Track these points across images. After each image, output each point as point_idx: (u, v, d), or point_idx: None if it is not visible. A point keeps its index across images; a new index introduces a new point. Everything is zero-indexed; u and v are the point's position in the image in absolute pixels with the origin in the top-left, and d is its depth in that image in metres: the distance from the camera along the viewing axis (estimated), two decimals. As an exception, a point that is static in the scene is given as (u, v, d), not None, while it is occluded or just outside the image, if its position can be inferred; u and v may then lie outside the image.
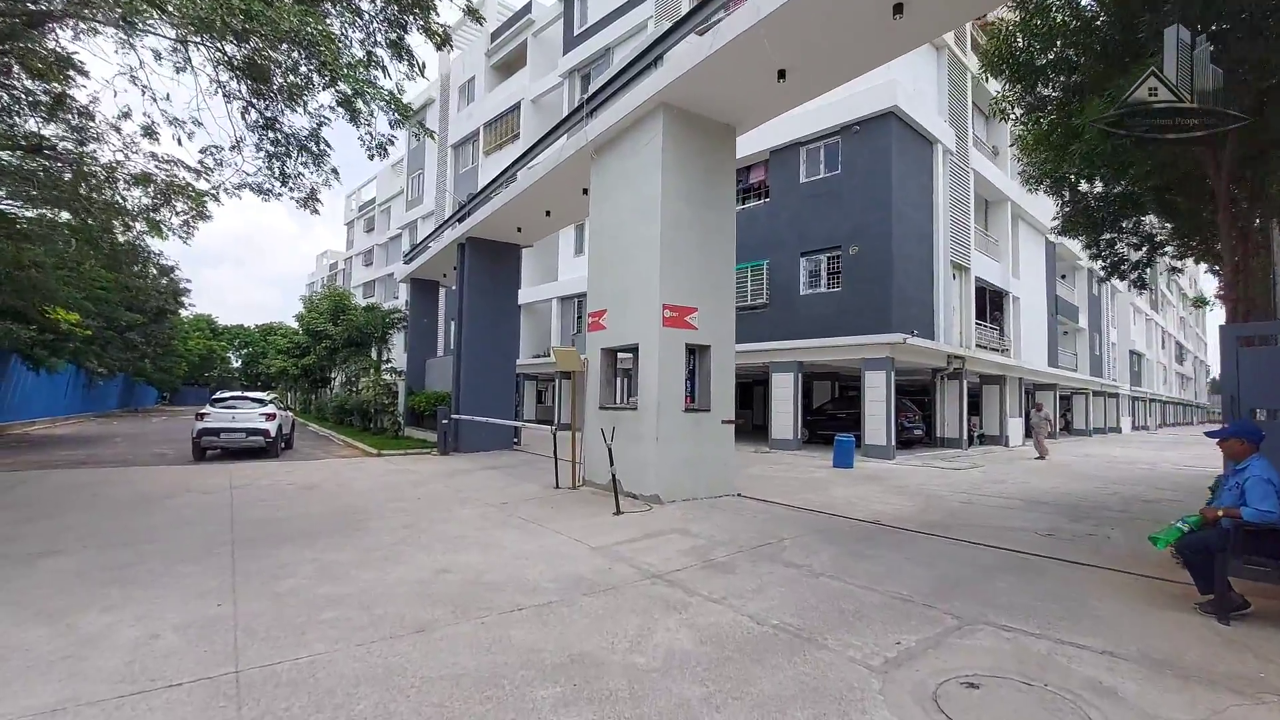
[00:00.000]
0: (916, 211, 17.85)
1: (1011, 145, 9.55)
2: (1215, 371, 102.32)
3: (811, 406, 23.28)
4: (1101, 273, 11.65)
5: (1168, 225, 9.86)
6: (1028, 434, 26.58)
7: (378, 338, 30.27)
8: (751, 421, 29.35)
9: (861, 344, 16.34)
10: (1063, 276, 31.83)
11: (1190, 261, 11.73)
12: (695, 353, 9.80)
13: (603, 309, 10.50)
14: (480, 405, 16.00)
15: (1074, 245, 31.57)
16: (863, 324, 16.72)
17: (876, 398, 16.22)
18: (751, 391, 29.79)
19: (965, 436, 19.99)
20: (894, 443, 16.18)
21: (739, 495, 9.67)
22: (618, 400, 10.63)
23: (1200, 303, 16.05)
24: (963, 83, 20.48)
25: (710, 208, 9.87)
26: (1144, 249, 10.49)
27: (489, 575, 5.43)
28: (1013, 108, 7.27)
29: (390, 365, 27.99)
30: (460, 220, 17.69)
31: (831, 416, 20.69)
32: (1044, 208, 26.72)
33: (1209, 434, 4.40)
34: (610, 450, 8.54)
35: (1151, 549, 6.38)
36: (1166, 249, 10.44)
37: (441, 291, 24.87)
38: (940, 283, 18.70)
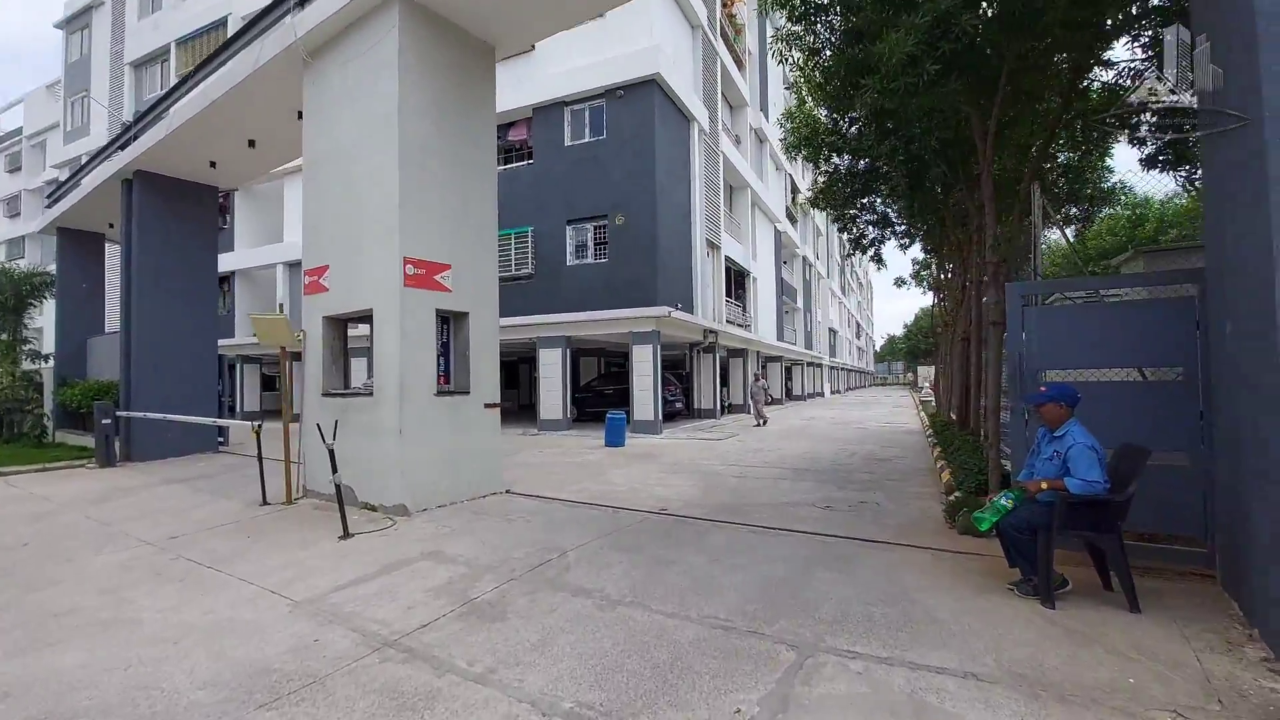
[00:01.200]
0: (677, 186, 17.67)
1: (788, 89, 9.16)
2: (879, 344, 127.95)
3: (579, 384, 22.39)
4: (847, 246, 12.32)
5: (900, 205, 10.53)
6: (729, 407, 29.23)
7: (7, 308, 21.73)
8: (518, 402, 27.66)
9: (630, 317, 15.63)
10: (785, 262, 35.63)
11: (899, 245, 13.05)
12: (450, 321, 7.78)
13: (323, 264, 7.86)
14: (165, 397, 11.75)
15: (795, 235, 35.58)
16: (630, 297, 16.02)
17: (644, 372, 15.70)
18: (517, 370, 28.07)
19: (719, 407, 20.77)
20: (661, 417, 15.84)
21: (509, 492, 7.97)
22: (349, 384, 8.12)
23: (900, 282, 18.84)
24: (714, 66, 20.92)
25: (468, 141, 7.84)
26: (879, 227, 11.22)
27: (87, 694, 3.02)
28: (790, 49, 6.62)
29: (31, 348, 20.31)
30: (124, 147, 12.76)
31: (599, 393, 20.00)
32: (775, 199, 29.24)
33: (1026, 399, 3.95)
34: (331, 451, 6.17)
35: (919, 516, 6.55)
36: (897, 229, 11.31)
37: (112, 249, 18.45)
38: (697, 259, 18.92)
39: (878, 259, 12.10)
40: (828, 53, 6.56)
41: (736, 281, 24.91)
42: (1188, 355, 4.27)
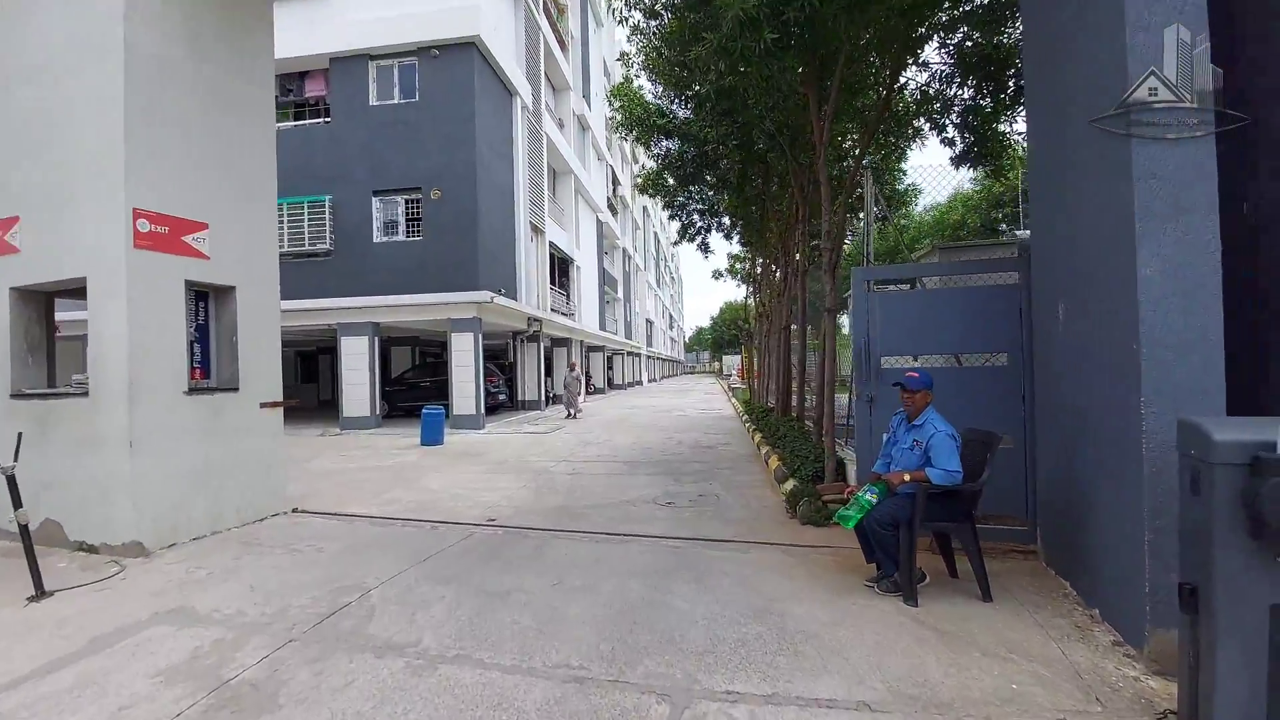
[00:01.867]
0: (499, 163, 16.39)
1: (621, 60, 8.58)
2: (689, 335, 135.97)
3: (390, 376, 20.09)
4: (675, 235, 12.19)
5: (727, 195, 10.58)
6: (589, 390, 28.91)
7: None
8: (318, 397, 24.17)
9: (448, 302, 14.12)
10: (606, 253, 35.67)
11: (724, 236, 13.34)
12: (210, 298, 6.02)
13: (12, 216, 5.62)
14: None
15: (615, 226, 35.78)
16: (448, 280, 14.49)
17: (465, 363, 14.33)
18: (315, 361, 24.52)
19: (544, 398, 19.94)
20: (484, 411, 14.60)
21: (297, 511, 6.43)
22: (54, 381, 5.95)
23: (718, 275, 19.51)
24: (537, 42, 19.84)
25: (233, 69, 6.08)
26: (707, 216, 11.22)
27: None
28: (630, 9, 6.06)
29: None
30: None
31: (414, 386, 18.04)
32: (597, 188, 28.97)
33: (899, 384, 3.76)
34: (11, 478, 4.28)
35: (759, 507, 6.32)
36: (722, 220, 11.41)
37: None
38: (521, 243, 17.83)
39: (704, 247, 12.20)
40: (667, 16, 6.07)
41: (560, 269, 24.17)
42: (1012, 340, 4.43)
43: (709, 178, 10.84)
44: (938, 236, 15.52)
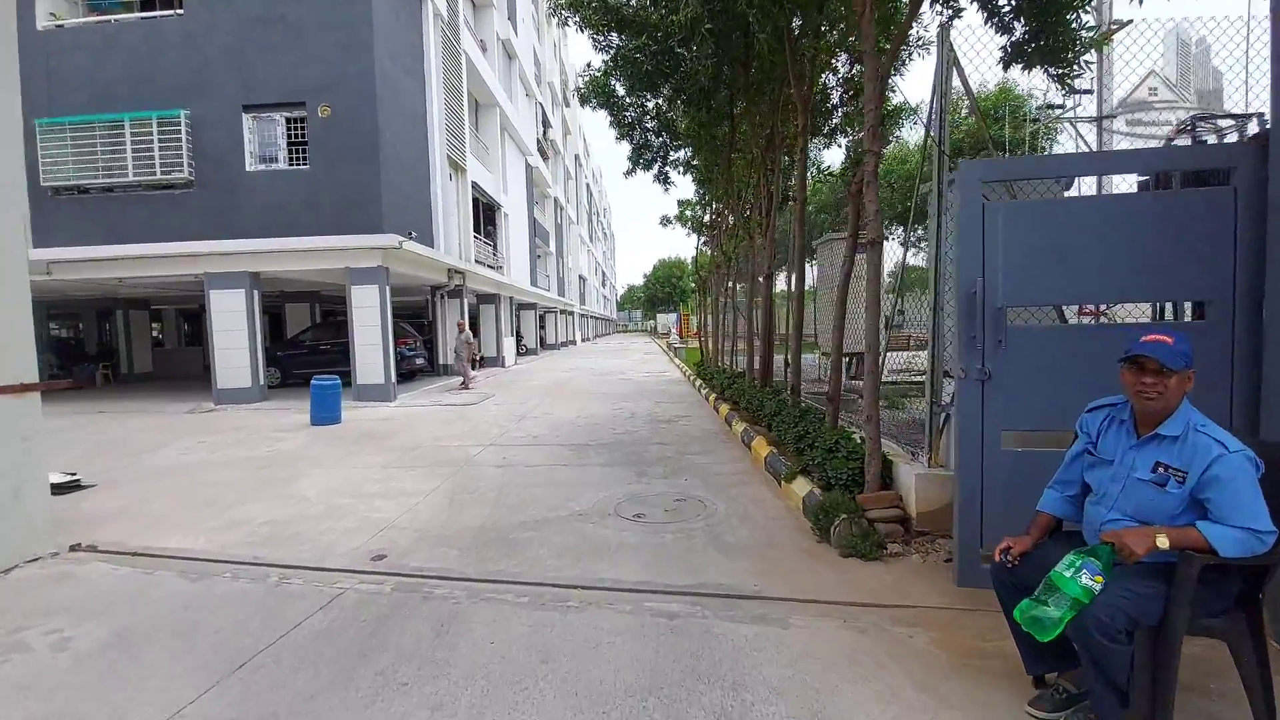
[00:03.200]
0: (407, 81, 13.56)
1: None
2: (621, 293, 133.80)
3: (285, 337, 17.12)
4: (628, 162, 10.06)
5: (689, 111, 8.52)
6: (520, 350, 26.55)
7: None
8: (204, 363, 20.56)
9: (345, 247, 11.49)
10: (537, 203, 32.77)
11: (681, 168, 11.26)
12: None
13: None
14: None
15: (546, 172, 32.86)
16: (346, 220, 11.82)
17: (369, 321, 11.82)
18: (201, 321, 20.82)
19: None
20: (395, 379, 12.21)
21: (76, 549, 4.19)
22: None
23: (665, 222, 17.46)
24: (454, -57, 16.68)
25: None
26: (664, 135, 9.18)
27: None
28: None
29: None
30: None
31: (313, 349, 15.23)
32: (526, 128, 26.02)
33: (1134, 358, 1.97)
34: None
35: (767, 522, 4.47)
36: (678, 149, 9.37)
37: None
38: (438, 180, 15.14)
39: (662, 178, 10.16)
40: None
41: (486, 216, 21.45)
42: (1217, 282, 2.76)
43: (665, 90, 8.75)
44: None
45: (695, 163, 10.83)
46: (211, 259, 11.69)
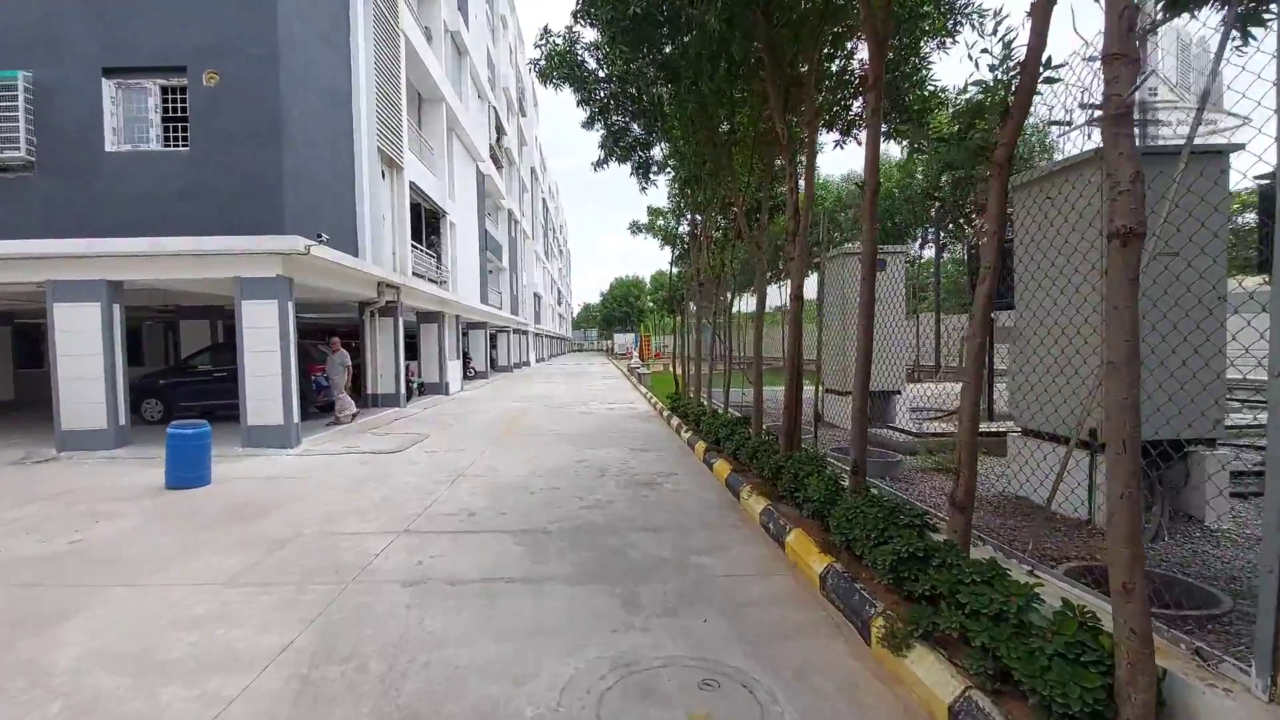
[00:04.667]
0: (324, 53, 11.17)
1: None
2: (578, 312, 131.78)
3: (176, 360, 14.17)
4: (599, 150, 7.93)
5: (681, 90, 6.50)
6: (468, 374, 23.95)
7: None
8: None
9: (233, 251, 8.95)
10: (489, 214, 30.33)
11: (662, 165, 9.22)
12: None
13: None
14: None
15: (500, 183, 30.52)
16: (236, 217, 9.31)
17: (265, 345, 9.27)
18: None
19: (404, 390, 15.01)
20: (297, 418, 9.64)
21: None
22: None
23: (635, 230, 15.35)
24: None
25: None
26: (645, 122, 7.17)
27: None
28: None
29: None
30: None
31: (208, 378, 12.32)
32: (478, 131, 23.71)
33: None
34: None
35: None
36: (673, 132, 7.34)
37: None
38: (365, 178, 12.71)
39: (643, 171, 8.07)
40: None
41: (429, 224, 19.00)
42: None
43: (649, 71, 6.75)
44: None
45: (672, 164, 8.79)
46: (55, 263, 8.96)
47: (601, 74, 7.44)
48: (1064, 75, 3.12)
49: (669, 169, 8.81)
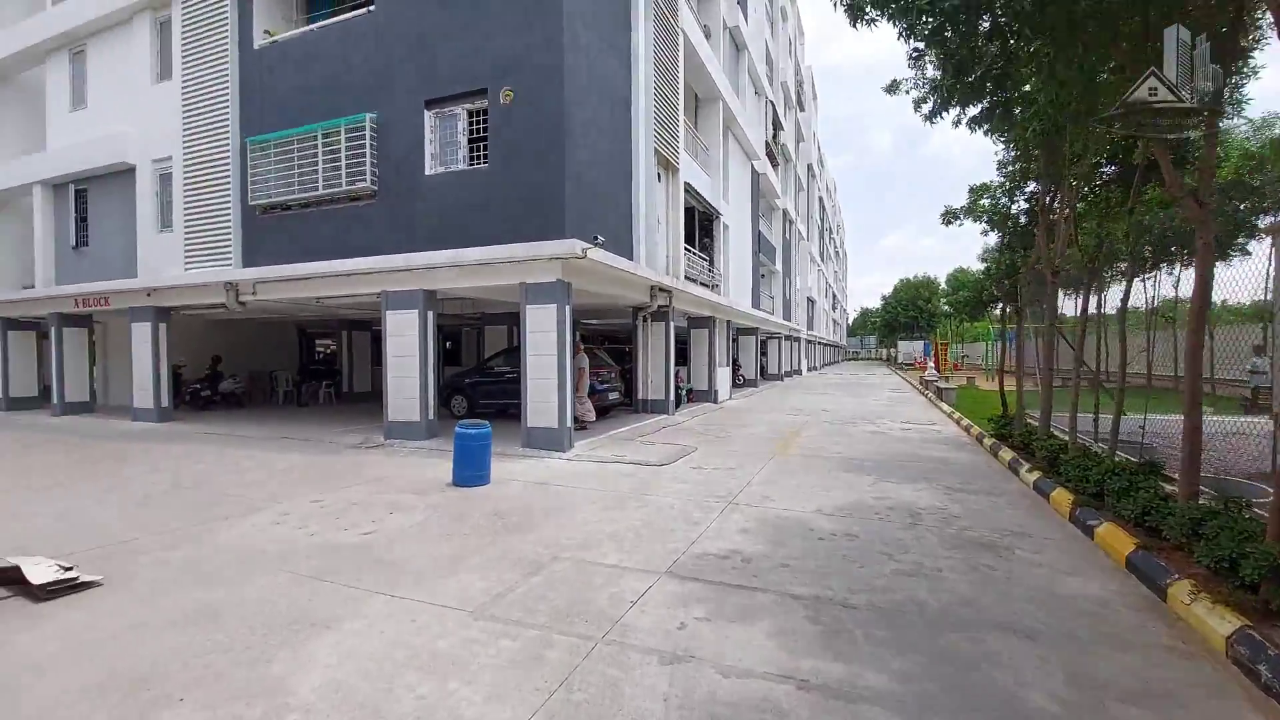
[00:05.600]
0: (606, 56, 11.34)
1: None
2: (853, 317, 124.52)
3: (479, 361, 16.15)
4: (931, 96, 6.15)
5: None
6: (737, 381, 23.39)
7: None
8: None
9: (518, 258, 9.39)
10: (762, 215, 29.45)
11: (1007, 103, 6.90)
12: None
13: None
14: None
15: (775, 181, 29.46)
16: (522, 224, 9.80)
17: (545, 349, 9.55)
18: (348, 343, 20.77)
19: (674, 397, 14.79)
20: (571, 422, 9.74)
21: None
22: None
23: (952, 218, 12.37)
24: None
25: None
26: (997, 42, 5.21)
27: None
28: None
29: None
30: None
31: (502, 377, 13.59)
32: (754, 129, 22.96)
33: None
34: None
35: None
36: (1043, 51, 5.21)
37: None
38: (641, 180, 12.70)
39: (999, 112, 5.96)
40: None
41: (702, 226, 18.77)
42: None
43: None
44: None
45: (1040, 96, 6.27)
46: (386, 276, 10.51)
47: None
48: None
49: (1024, 106, 6.42)
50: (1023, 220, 10.17)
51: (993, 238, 12.44)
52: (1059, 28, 4.90)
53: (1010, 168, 9.81)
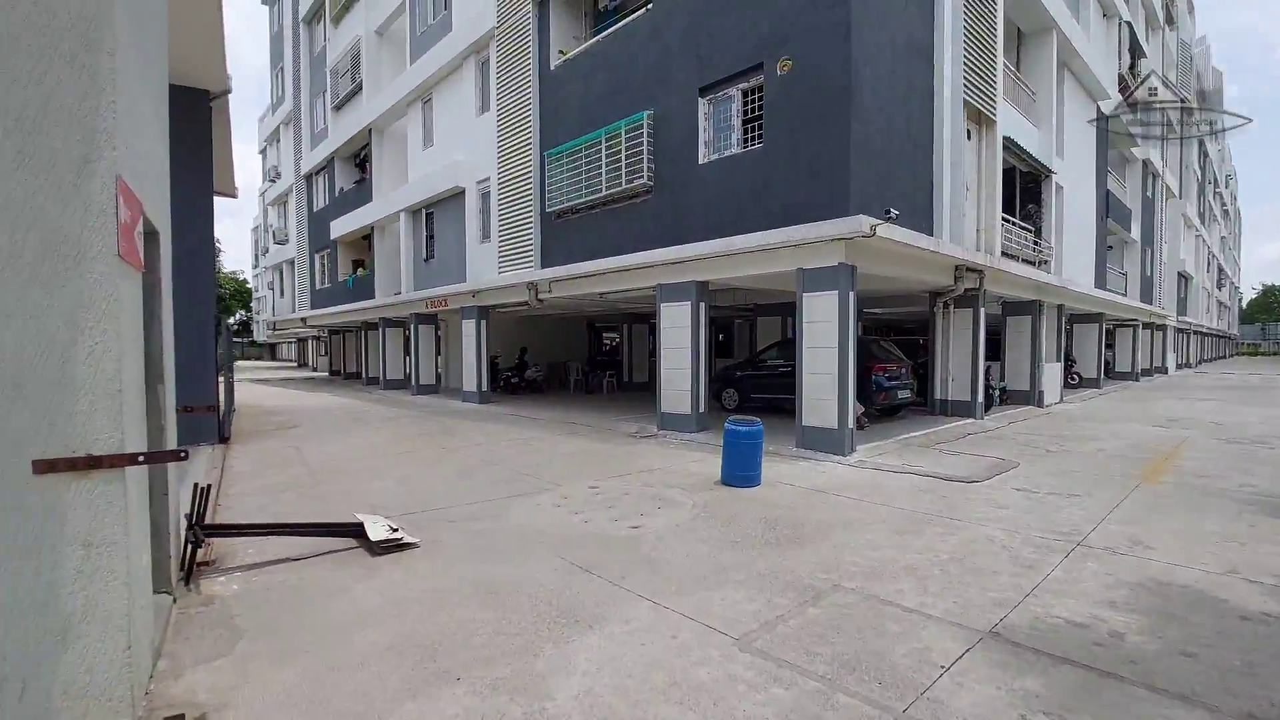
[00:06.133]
0: (901, 2, 9.89)
1: None
2: (1248, 296, 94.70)
3: (751, 353, 15.83)
4: None
5: None
6: (1070, 381, 19.22)
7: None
8: (625, 376, 21.45)
9: (792, 243, 8.71)
10: (1110, 170, 23.50)
11: None
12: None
13: None
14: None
15: (1133, 126, 23.32)
16: (798, 205, 9.09)
17: (822, 341, 8.73)
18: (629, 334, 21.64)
19: (981, 398, 12.54)
20: (851, 423, 8.73)
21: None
22: None
23: None
24: None
25: None
26: None
27: None
28: None
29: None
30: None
31: (775, 371, 13.03)
32: (1099, 61, 18.39)
33: None
34: None
35: None
36: None
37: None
38: (945, 140, 10.90)
39: None
40: None
41: (1026, 189, 15.62)
42: None
43: None
44: None
45: None
46: (660, 269, 10.76)
47: None
48: None
49: None
50: None
51: None
52: None
53: None
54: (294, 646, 3.34)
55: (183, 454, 2.79)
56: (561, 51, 13.54)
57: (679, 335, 10.56)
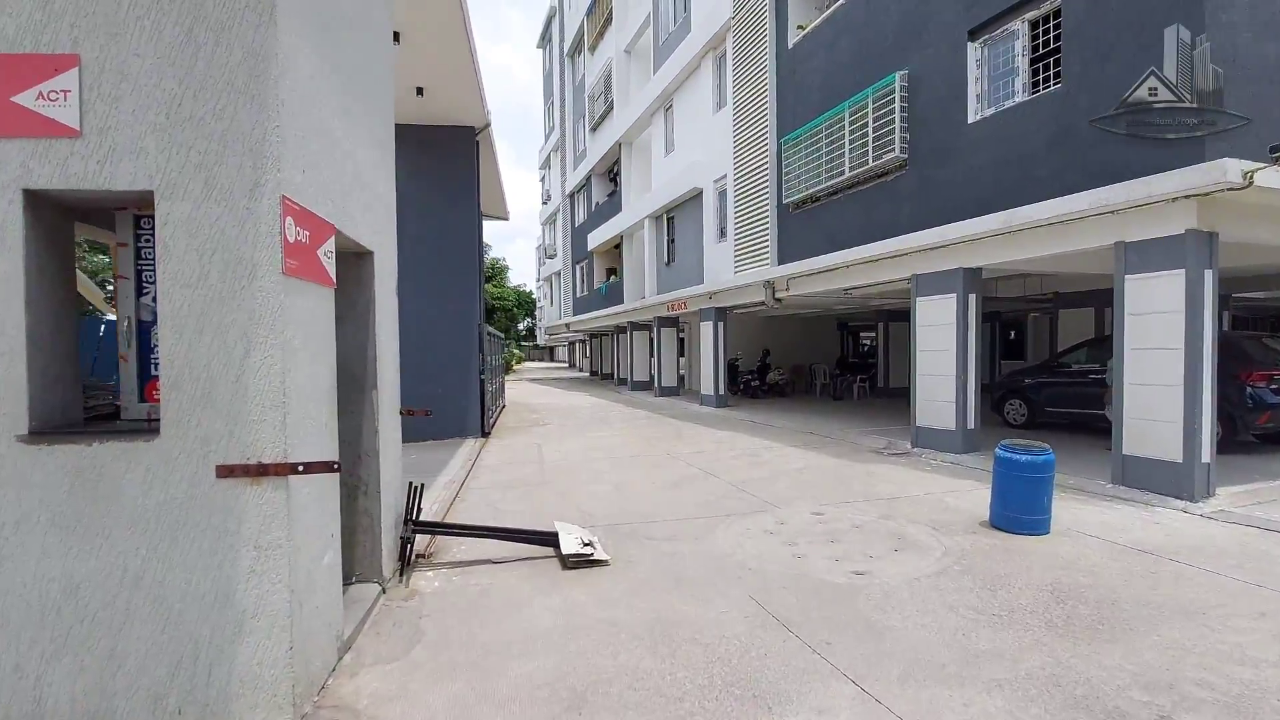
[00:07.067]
0: None
1: None
2: None
3: (1050, 355, 12.83)
4: None
5: None
6: None
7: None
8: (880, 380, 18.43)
9: (1105, 206, 6.54)
10: None
11: None
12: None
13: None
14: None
15: None
16: (1116, 156, 6.85)
17: (1150, 339, 6.44)
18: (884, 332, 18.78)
19: None
20: (1205, 453, 6.23)
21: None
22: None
23: None
24: None
25: None
26: None
27: None
28: None
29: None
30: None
31: (1083, 378, 10.04)
32: None
33: None
34: None
35: None
36: None
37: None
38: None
39: None
40: None
41: None
42: None
43: None
44: None
45: None
46: (915, 256, 9.13)
47: None
48: None
49: None
50: None
51: None
52: None
53: None
54: (457, 662, 3.24)
55: (335, 465, 2.84)
56: (800, 26, 12.47)
57: (938, 335, 8.83)
